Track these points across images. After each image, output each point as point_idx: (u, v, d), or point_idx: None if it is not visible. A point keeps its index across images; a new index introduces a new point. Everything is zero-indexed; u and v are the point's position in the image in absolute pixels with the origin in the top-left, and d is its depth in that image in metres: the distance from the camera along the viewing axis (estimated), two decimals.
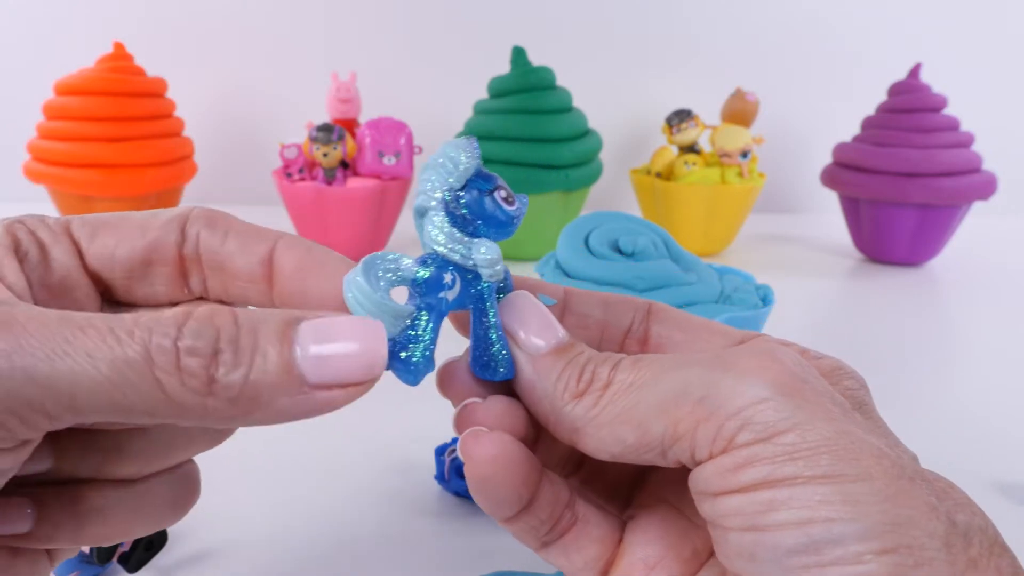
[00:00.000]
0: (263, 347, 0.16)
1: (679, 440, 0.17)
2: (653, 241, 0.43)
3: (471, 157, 0.19)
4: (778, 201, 1.03)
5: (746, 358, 0.17)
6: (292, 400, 0.16)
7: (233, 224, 0.21)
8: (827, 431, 0.16)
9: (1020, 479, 0.39)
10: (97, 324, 0.16)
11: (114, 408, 0.16)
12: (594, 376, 0.19)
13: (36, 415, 0.15)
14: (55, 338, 0.15)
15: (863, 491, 0.15)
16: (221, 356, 0.16)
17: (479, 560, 0.33)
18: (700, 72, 1.00)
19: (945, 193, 0.72)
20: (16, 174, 0.76)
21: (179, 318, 0.16)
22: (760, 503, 0.16)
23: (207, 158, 0.90)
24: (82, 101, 0.72)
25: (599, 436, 0.18)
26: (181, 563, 0.32)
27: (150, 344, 0.16)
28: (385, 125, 0.74)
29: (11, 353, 0.15)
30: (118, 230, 0.21)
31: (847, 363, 0.21)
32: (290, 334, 0.17)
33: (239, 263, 0.21)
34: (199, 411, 0.16)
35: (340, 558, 0.33)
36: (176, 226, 0.21)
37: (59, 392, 0.15)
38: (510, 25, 0.96)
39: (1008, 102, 1.02)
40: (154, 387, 0.16)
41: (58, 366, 0.15)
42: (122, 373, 0.15)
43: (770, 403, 0.16)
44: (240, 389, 0.16)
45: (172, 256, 0.21)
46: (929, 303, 0.69)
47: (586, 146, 0.75)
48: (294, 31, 0.96)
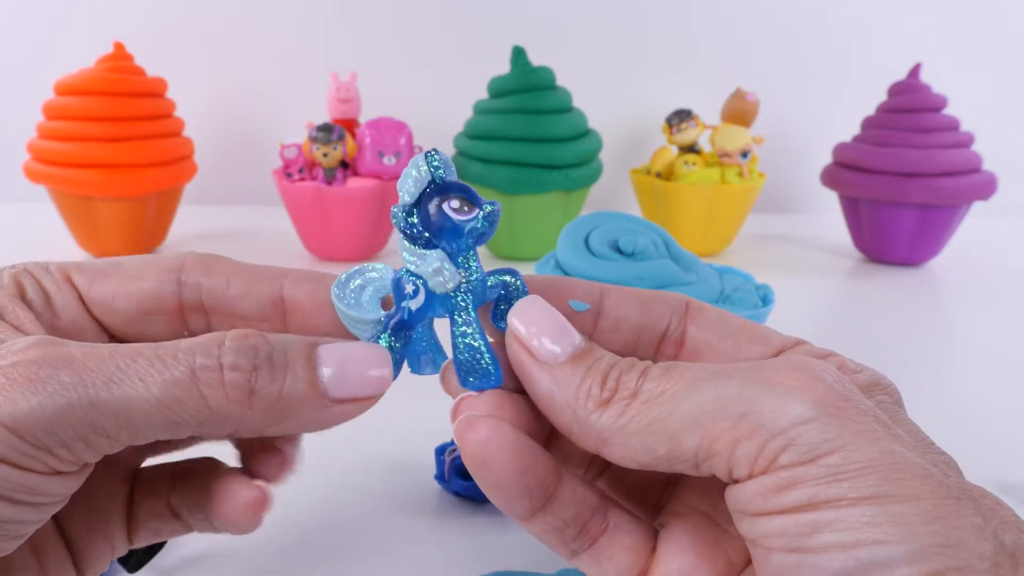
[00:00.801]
0: (293, 365, 0.19)
1: (715, 456, 0.17)
2: (653, 241, 0.43)
3: (422, 171, 0.20)
4: (778, 201, 1.03)
5: (786, 374, 0.17)
6: (315, 412, 0.19)
7: (231, 267, 0.22)
8: (872, 452, 0.15)
9: (1020, 479, 0.39)
10: (145, 352, 0.18)
11: (166, 424, 0.18)
12: (619, 384, 0.18)
13: (100, 438, 0.17)
14: (110, 368, 0.17)
15: (910, 512, 0.15)
16: (259, 371, 0.18)
17: (479, 560, 0.33)
18: (700, 72, 1.00)
19: (945, 193, 0.72)
20: (16, 174, 0.76)
21: (217, 339, 0.18)
22: (805, 524, 0.15)
23: (207, 158, 0.90)
24: (82, 101, 0.72)
25: (628, 446, 0.18)
26: (181, 563, 0.32)
27: (195, 364, 0.18)
28: (385, 125, 0.74)
29: (75, 385, 0.17)
30: (112, 280, 0.22)
31: (885, 376, 0.20)
32: (313, 356, 0.19)
33: (247, 305, 0.22)
34: (237, 421, 0.18)
35: (340, 558, 0.33)
36: (172, 277, 0.22)
37: (118, 415, 0.17)
38: (510, 25, 0.96)
39: (1008, 102, 1.02)
40: (200, 402, 0.18)
41: (115, 392, 0.17)
42: (171, 392, 0.17)
43: (814, 423, 0.16)
44: (275, 401, 0.18)
45: (171, 305, 0.22)
46: (929, 303, 0.69)
47: (586, 146, 0.75)
48: (294, 31, 0.96)
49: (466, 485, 0.36)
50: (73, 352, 0.17)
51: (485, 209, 0.20)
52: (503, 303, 0.21)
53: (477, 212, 0.20)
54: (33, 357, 0.17)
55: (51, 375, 0.17)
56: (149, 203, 0.75)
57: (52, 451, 0.17)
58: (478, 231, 0.20)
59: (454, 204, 0.20)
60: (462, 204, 0.20)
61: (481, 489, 0.20)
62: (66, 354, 0.17)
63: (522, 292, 0.21)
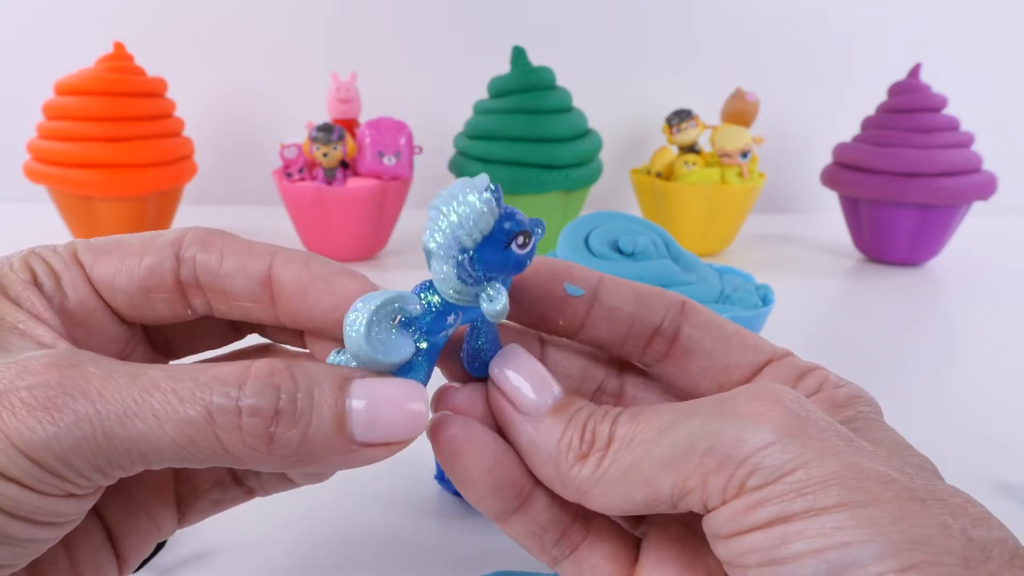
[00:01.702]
0: (319, 408, 0.17)
1: (689, 493, 0.17)
2: (653, 241, 0.43)
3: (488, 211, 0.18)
4: (778, 201, 1.03)
5: (746, 403, 0.17)
6: (341, 457, 0.18)
7: (227, 243, 0.21)
8: (833, 465, 0.16)
9: (1021, 479, 0.39)
10: (162, 385, 0.17)
11: (179, 459, 0.17)
12: (595, 435, 0.19)
13: (114, 468, 0.17)
14: (126, 400, 0.17)
15: (875, 514, 0.15)
16: (281, 417, 0.17)
17: (479, 560, 0.33)
18: (700, 72, 1.00)
19: (945, 193, 0.72)
20: (16, 174, 0.76)
21: (239, 376, 0.17)
22: (775, 537, 0.16)
23: (207, 158, 0.90)
24: (82, 101, 0.72)
25: (607, 496, 0.18)
26: (181, 563, 0.32)
27: (211, 405, 0.17)
28: (385, 125, 0.74)
29: (91, 417, 0.16)
30: (114, 257, 0.21)
31: (865, 390, 0.21)
32: (343, 396, 0.18)
33: (238, 284, 0.21)
34: (256, 463, 0.17)
35: (340, 558, 0.33)
36: (171, 252, 0.21)
37: (131, 451, 0.17)
38: (510, 25, 0.96)
39: (1008, 102, 1.02)
40: (215, 444, 0.17)
41: (129, 428, 0.16)
42: (185, 432, 0.17)
43: (775, 446, 0.16)
44: (296, 447, 0.17)
45: (170, 282, 0.21)
46: (929, 303, 0.69)
47: (586, 146, 0.75)
48: (294, 31, 0.96)
49: None
50: (91, 379, 0.17)
51: (537, 234, 0.19)
52: None
53: (533, 240, 0.19)
54: (51, 380, 0.17)
55: (68, 403, 0.16)
56: (149, 203, 0.75)
57: (68, 479, 0.17)
58: (531, 258, 0.20)
59: (520, 241, 0.19)
60: (525, 239, 0.19)
61: (453, 484, 0.20)
62: (84, 381, 0.17)
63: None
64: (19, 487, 0.16)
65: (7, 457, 0.16)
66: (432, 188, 0.21)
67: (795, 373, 0.21)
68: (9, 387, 0.16)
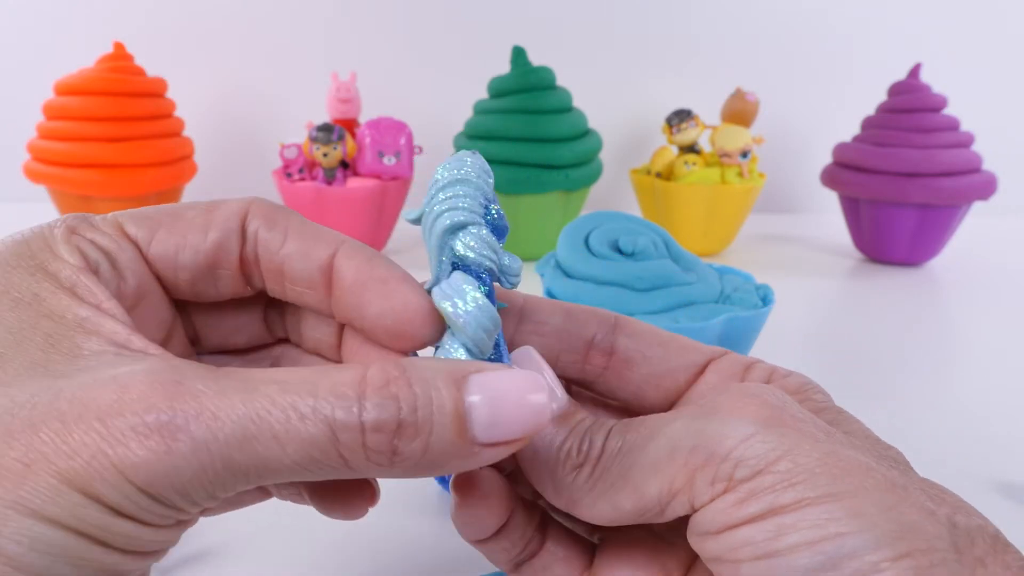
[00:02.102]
0: (440, 414, 0.16)
1: (676, 495, 0.17)
2: (653, 241, 0.43)
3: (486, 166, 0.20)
4: (778, 201, 1.03)
5: (724, 401, 0.18)
6: (463, 460, 0.17)
7: (293, 223, 0.20)
8: (816, 453, 0.16)
9: (1020, 479, 0.39)
10: (279, 401, 0.15)
11: (296, 477, 0.16)
12: (591, 445, 0.19)
13: (227, 492, 0.16)
14: (244, 422, 0.15)
15: (864, 503, 0.15)
16: (403, 429, 0.16)
17: (479, 560, 0.33)
18: (700, 72, 1.00)
19: (945, 193, 0.72)
20: (16, 174, 0.76)
21: (358, 388, 0.16)
22: (770, 530, 0.16)
23: (207, 158, 0.90)
24: (82, 101, 0.72)
25: (596, 506, 0.19)
26: (181, 563, 0.32)
27: (334, 422, 0.15)
28: (385, 125, 0.74)
29: (209, 444, 0.15)
30: (175, 231, 0.20)
31: (812, 379, 0.21)
32: (462, 395, 0.16)
33: (297, 268, 0.20)
34: (376, 475, 0.17)
35: (340, 558, 0.33)
36: (237, 225, 0.20)
37: (250, 474, 0.16)
38: (510, 25, 0.96)
39: (1008, 102, 1.02)
40: (339, 462, 0.16)
41: (249, 453, 0.15)
42: (308, 453, 0.15)
43: (756, 437, 0.17)
44: (419, 459, 0.16)
45: (235, 259, 0.20)
46: (929, 303, 0.69)
47: (586, 146, 0.75)
48: (294, 31, 0.96)
49: None
50: (203, 399, 0.15)
51: None
52: None
53: None
54: (160, 404, 0.15)
55: (183, 430, 0.15)
56: (149, 203, 0.75)
57: (184, 509, 0.16)
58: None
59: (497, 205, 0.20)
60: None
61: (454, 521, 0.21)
62: (195, 402, 0.15)
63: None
64: (134, 523, 0.15)
65: (122, 494, 0.15)
66: None
67: (739, 368, 0.21)
68: (114, 411, 0.15)
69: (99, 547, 0.15)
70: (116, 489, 0.15)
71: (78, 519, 0.14)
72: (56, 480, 0.14)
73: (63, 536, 0.14)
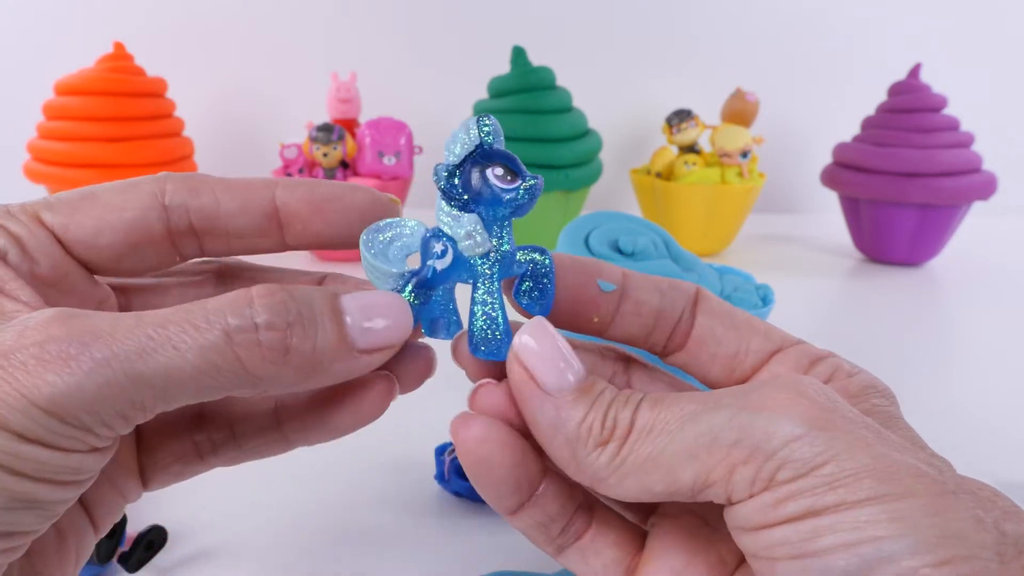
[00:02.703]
0: (322, 319, 0.18)
1: (712, 485, 0.17)
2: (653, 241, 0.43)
3: (472, 135, 0.20)
4: (778, 201, 1.03)
5: (772, 396, 0.17)
6: (345, 365, 0.18)
7: (217, 184, 0.21)
8: (864, 458, 0.16)
9: (1020, 479, 0.39)
10: (173, 318, 0.17)
11: (199, 390, 0.17)
12: (617, 421, 0.18)
13: (136, 411, 0.17)
14: (140, 338, 0.16)
15: (909, 508, 0.15)
16: (293, 328, 0.17)
17: (479, 560, 0.33)
18: (700, 72, 1.00)
19: (945, 193, 0.72)
20: (16, 174, 0.76)
21: (245, 297, 0.17)
22: (806, 531, 0.16)
23: (207, 158, 0.90)
24: (82, 101, 0.72)
25: (623, 485, 0.18)
26: (181, 563, 0.32)
27: (228, 327, 0.17)
28: (385, 125, 0.74)
29: (110, 360, 0.16)
30: (91, 214, 0.20)
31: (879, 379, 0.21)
32: (338, 308, 0.18)
33: (242, 222, 0.21)
34: (271, 380, 0.18)
35: (340, 558, 0.33)
36: (156, 202, 0.21)
37: (155, 386, 0.16)
38: (510, 25, 0.96)
39: (1008, 102, 1.02)
40: (235, 364, 0.17)
41: (151, 364, 0.16)
42: (207, 358, 0.17)
43: (804, 439, 0.16)
44: (309, 357, 0.18)
45: (159, 234, 0.21)
46: (929, 303, 0.69)
47: (586, 146, 0.75)
48: (294, 31, 0.96)
49: (466, 485, 0.36)
50: (99, 324, 0.16)
51: (528, 182, 0.20)
52: (528, 280, 0.21)
53: (519, 183, 0.20)
54: (59, 334, 0.16)
55: (83, 352, 0.16)
56: None
57: (92, 430, 0.16)
58: (516, 202, 0.20)
59: (498, 172, 0.20)
60: (505, 173, 0.20)
61: (472, 483, 0.20)
62: (93, 327, 0.16)
63: (550, 271, 0.21)
64: (42, 448, 0.16)
65: (28, 417, 0.15)
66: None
67: (806, 361, 0.21)
68: (15, 347, 0.16)
69: (10, 475, 0.16)
70: (22, 413, 0.15)
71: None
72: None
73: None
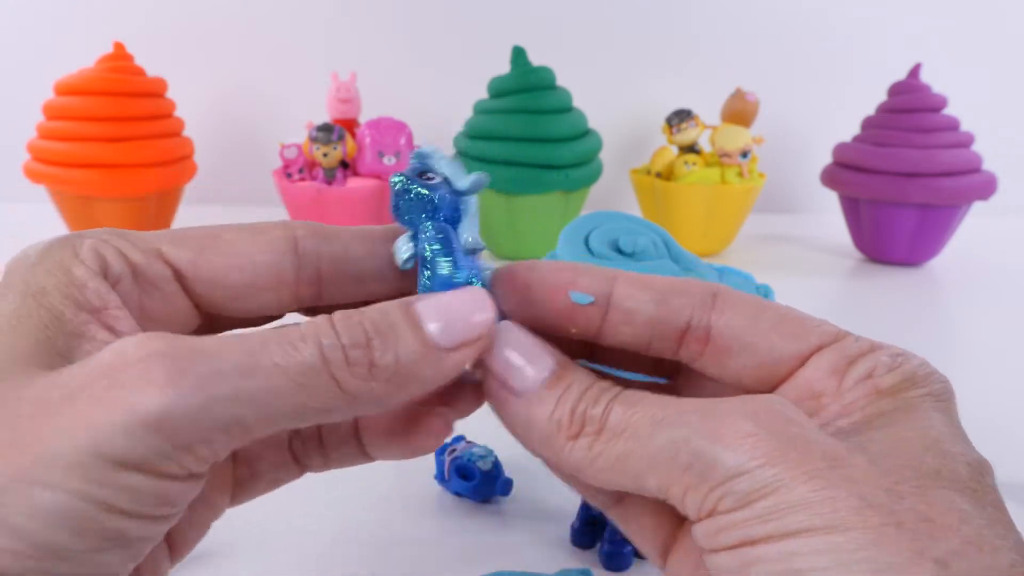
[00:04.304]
0: (400, 330, 0.18)
1: (671, 499, 0.17)
2: (653, 241, 0.43)
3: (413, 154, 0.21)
4: (778, 201, 1.03)
5: (731, 423, 0.17)
6: (434, 368, 0.18)
7: (343, 231, 0.22)
8: (804, 491, 0.16)
9: (1020, 479, 0.39)
10: (272, 337, 0.17)
11: (298, 412, 0.17)
12: (587, 417, 0.18)
13: (238, 430, 0.16)
14: (244, 356, 0.16)
15: (839, 541, 0.15)
16: (373, 342, 0.17)
17: (479, 560, 0.33)
18: (700, 72, 1.00)
19: (945, 193, 0.72)
20: (16, 174, 0.76)
21: (327, 323, 0.18)
22: (740, 561, 0.16)
23: (207, 158, 0.90)
24: (82, 101, 0.72)
25: (598, 479, 0.18)
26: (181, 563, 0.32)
27: (321, 345, 0.17)
28: (385, 125, 0.74)
29: (214, 376, 0.16)
30: (222, 254, 0.20)
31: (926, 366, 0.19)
32: (414, 313, 0.18)
33: (368, 267, 0.21)
34: (366, 397, 0.18)
35: (340, 558, 0.33)
36: (289, 247, 0.21)
37: (259, 404, 0.16)
38: (510, 25, 0.96)
39: (1008, 102, 1.02)
40: (331, 383, 0.17)
41: (255, 382, 0.16)
42: (307, 376, 0.17)
43: (748, 474, 0.16)
44: (395, 368, 0.18)
45: (290, 278, 0.21)
46: (929, 303, 0.69)
47: (586, 146, 0.75)
48: (294, 31, 0.96)
49: (466, 485, 0.36)
50: (202, 343, 0.16)
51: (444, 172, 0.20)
52: None
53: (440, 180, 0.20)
54: (163, 349, 0.16)
55: (189, 367, 0.16)
56: (149, 203, 0.75)
57: (193, 450, 0.16)
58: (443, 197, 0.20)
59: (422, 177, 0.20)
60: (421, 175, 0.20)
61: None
62: (196, 345, 0.16)
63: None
64: (140, 474, 0.15)
65: (130, 437, 0.15)
66: None
67: (844, 362, 0.19)
68: (117, 365, 0.15)
69: (102, 511, 0.15)
70: (124, 434, 0.15)
71: (82, 480, 0.15)
72: (60, 444, 0.15)
73: (65, 501, 0.15)
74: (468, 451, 0.37)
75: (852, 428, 0.18)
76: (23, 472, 0.15)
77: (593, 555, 0.33)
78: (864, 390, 0.19)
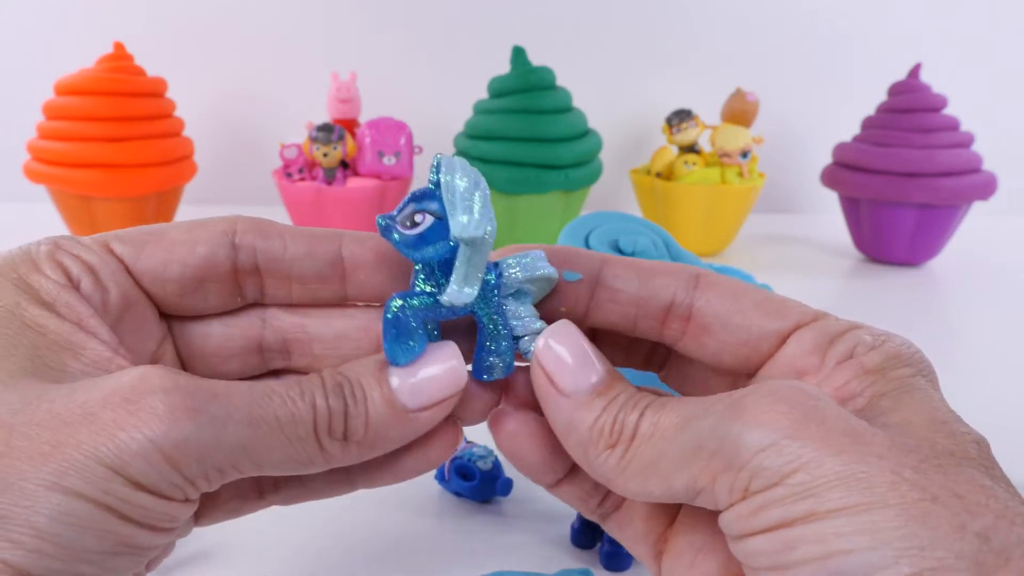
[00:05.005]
0: (371, 393, 0.19)
1: (700, 492, 0.17)
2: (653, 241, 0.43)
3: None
4: (778, 201, 1.03)
5: (753, 403, 0.17)
6: (401, 429, 0.19)
7: (286, 230, 0.22)
8: (835, 465, 0.15)
9: (1020, 479, 0.39)
10: (277, 390, 0.18)
11: (284, 463, 0.18)
12: (623, 425, 0.19)
13: (231, 470, 0.18)
14: (251, 405, 0.18)
15: (879, 519, 0.15)
16: (349, 409, 0.19)
17: (479, 560, 0.33)
18: (700, 72, 1.00)
19: (945, 193, 0.72)
20: (16, 174, 0.76)
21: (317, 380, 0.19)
22: (781, 543, 0.16)
23: (207, 158, 0.90)
24: (82, 101, 0.72)
25: (628, 487, 0.19)
26: (181, 563, 0.32)
27: (315, 403, 0.19)
28: (385, 125, 0.74)
29: (225, 420, 0.17)
30: (162, 247, 0.21)
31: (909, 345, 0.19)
32: (384, 377, 0.19)
33: (307, 267, 0.22)
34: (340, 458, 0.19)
35: (340, 558, 0.33)
36: (225, 240, 0.21)
37: (257, 452, 0.18)
38: (510, 25, 0.96)
39: (1008, 102, 1.02)
40: (314, 446, 0.19)
41: (258, 432, 0.18)
42: (297, 435, 0.18)
43: (772, 448, 0.16)
44: (364, 433, 0.19)
45: (226, 271, 0.21)
46: (929, 303, 0.69)
47: (586, 146, 0.75)
48: (294, 31, 0.96)
49: (466, 485, 0.36)
50: (215, 385, 0.18)
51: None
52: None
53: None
54: (184, 385, 0.17)
55: (206, 406, 0.17)
56: (149, 203, 0.75)
57: (195, 482, 0.17)
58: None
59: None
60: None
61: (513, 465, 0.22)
62: (210, 386, 0.17)
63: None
64: (152, 496, 0.17)
65: (148, 463, 0.16)
66: None
67: (825, 339, 0.20)
68: (141, 391, 0.17)
69: (120, 520, 0.16)
70: (144, 459, 0.16)
71: (103, 492, 0.16)
72: (83, 456, 0.16)
73: (89, 509, 0.16)
74: (468, 451, 0.37)
75: (857, 411, 0.18)
76: (46, 478, 0.15)
77: (593, 555, 0.33)
78: (851, 369, 0.19)
